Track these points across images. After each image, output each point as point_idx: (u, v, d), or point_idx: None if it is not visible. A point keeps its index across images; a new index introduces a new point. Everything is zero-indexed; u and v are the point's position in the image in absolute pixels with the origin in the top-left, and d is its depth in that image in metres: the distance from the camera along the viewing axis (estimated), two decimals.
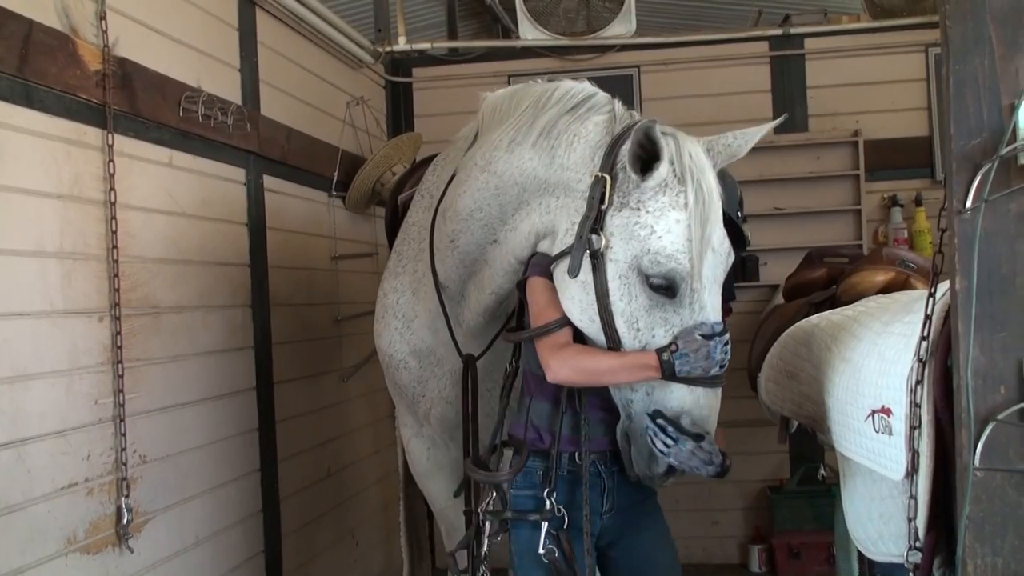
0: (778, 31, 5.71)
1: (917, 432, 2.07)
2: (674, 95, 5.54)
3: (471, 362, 2.98)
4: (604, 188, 2.30)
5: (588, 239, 2.30)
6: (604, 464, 2.54)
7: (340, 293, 4.94)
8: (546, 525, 2.46)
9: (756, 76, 5.68)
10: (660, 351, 2.25)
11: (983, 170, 1.91)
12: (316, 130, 4.73)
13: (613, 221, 2.30)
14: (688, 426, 2.28)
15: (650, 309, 2.28)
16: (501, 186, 2.56)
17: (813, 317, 3.19)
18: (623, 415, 2.42)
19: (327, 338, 4.81)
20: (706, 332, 2.25)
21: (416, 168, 3.70)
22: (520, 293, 2.60)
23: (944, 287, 2.09)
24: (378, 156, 4.96)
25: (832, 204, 5.62)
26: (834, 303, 3.39)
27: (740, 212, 3.15)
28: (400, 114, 5.90)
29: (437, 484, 3.50)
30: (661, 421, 2.28)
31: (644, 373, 2.27)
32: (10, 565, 2.58)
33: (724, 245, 2.36)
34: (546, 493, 2.49)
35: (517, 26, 5.79)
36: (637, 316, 2.29)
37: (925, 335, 2.06)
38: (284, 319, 4.28)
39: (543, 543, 2.44)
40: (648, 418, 2.31)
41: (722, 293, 2.58)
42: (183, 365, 3.47)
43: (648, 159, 2.28)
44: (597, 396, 2.49)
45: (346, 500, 4.92)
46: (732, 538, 5.71)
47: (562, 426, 2.51)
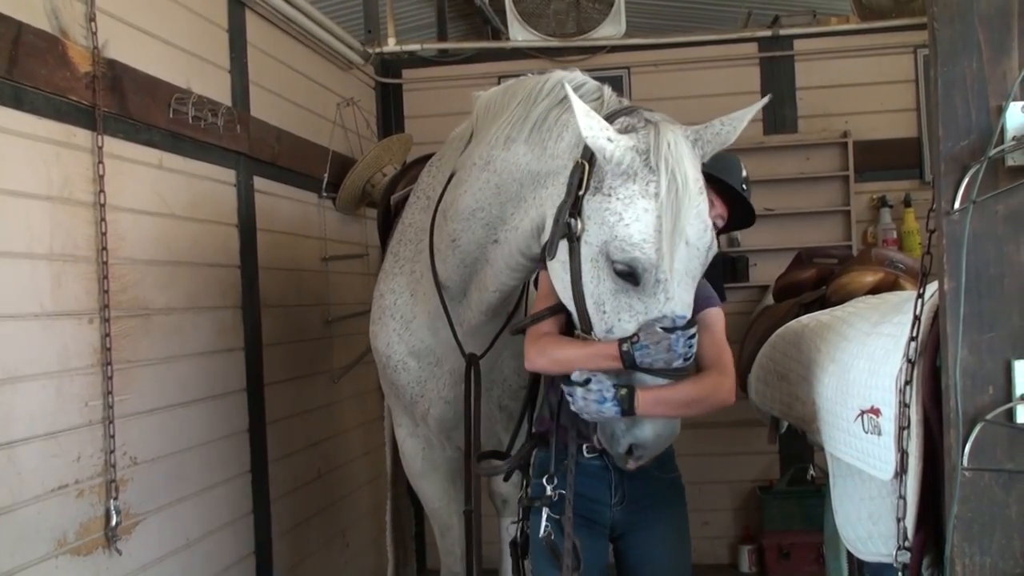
0: (767, 32, 5.73)
1: (906, 432, 2.08)
2: (664, 96, 5.52)
3: (474, 361, 2.97)
4: (583, 174, 2.30)
5: (567, 223, 2.31)
6: (611, 456, 2.56)
7: (331, 294, 4.94)
8: (546, 511, 2.54)
9: (746, 77, 5.69)
10: (621, 342, 2.26)
11: (971, 171, 1.92)
12: (306, 131, 4.72)
13: (589, 205, 2.30)
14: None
15: (615, 293, 2.28)
16: (502, 184, 2.57)
17: (803, 318, 3.20)
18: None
19: (318, 339, 4.81)
20: (667, 325, 2.23)
21: (408, 168, 3.69)
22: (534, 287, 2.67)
23: (933, 288, 2.10)
24: (368, 157, 4.96)
25: (821, 205, 5.63)
26: (824, 304, 3.40)
27: (745, 187, 3.14)
28: (390, 115, 5.89)
29: (432, 484, 3.50)
30: (564, 383, 2.39)
31: (607, 363, 2.29)
32: (0, 567, 2.57)
33: (704, 240, 2.30)
34: (544, 480, 2.57)
35: (507, 27, 5.79)
36: (604, 299, 2.30)
37: (914, 336, 2.07)
38: (274, 320, 4.28)
39: (543, 528, 2.54)
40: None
41: (713, 293, 2.59)
42: (173, 367, 3.46)
43: None
44: None
45: (337, 501, 4.92)
46: (722, 538, 5.71)
47: (560, 415, 2.57)
